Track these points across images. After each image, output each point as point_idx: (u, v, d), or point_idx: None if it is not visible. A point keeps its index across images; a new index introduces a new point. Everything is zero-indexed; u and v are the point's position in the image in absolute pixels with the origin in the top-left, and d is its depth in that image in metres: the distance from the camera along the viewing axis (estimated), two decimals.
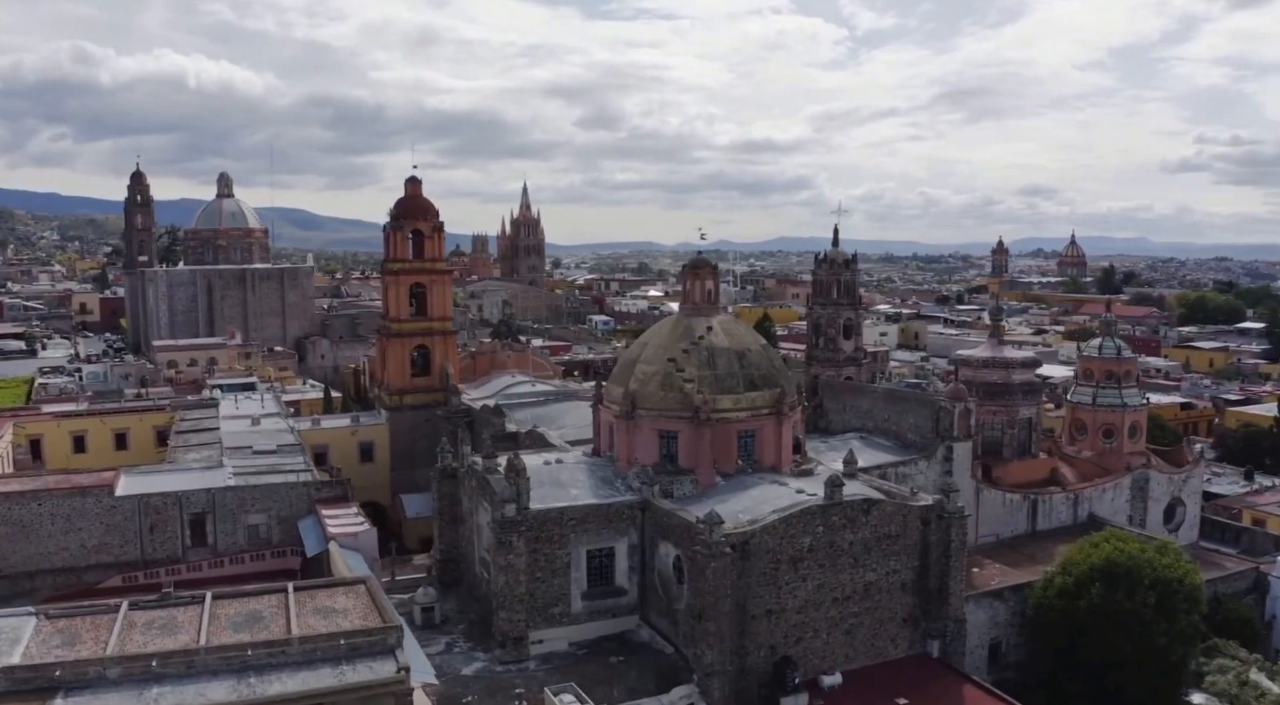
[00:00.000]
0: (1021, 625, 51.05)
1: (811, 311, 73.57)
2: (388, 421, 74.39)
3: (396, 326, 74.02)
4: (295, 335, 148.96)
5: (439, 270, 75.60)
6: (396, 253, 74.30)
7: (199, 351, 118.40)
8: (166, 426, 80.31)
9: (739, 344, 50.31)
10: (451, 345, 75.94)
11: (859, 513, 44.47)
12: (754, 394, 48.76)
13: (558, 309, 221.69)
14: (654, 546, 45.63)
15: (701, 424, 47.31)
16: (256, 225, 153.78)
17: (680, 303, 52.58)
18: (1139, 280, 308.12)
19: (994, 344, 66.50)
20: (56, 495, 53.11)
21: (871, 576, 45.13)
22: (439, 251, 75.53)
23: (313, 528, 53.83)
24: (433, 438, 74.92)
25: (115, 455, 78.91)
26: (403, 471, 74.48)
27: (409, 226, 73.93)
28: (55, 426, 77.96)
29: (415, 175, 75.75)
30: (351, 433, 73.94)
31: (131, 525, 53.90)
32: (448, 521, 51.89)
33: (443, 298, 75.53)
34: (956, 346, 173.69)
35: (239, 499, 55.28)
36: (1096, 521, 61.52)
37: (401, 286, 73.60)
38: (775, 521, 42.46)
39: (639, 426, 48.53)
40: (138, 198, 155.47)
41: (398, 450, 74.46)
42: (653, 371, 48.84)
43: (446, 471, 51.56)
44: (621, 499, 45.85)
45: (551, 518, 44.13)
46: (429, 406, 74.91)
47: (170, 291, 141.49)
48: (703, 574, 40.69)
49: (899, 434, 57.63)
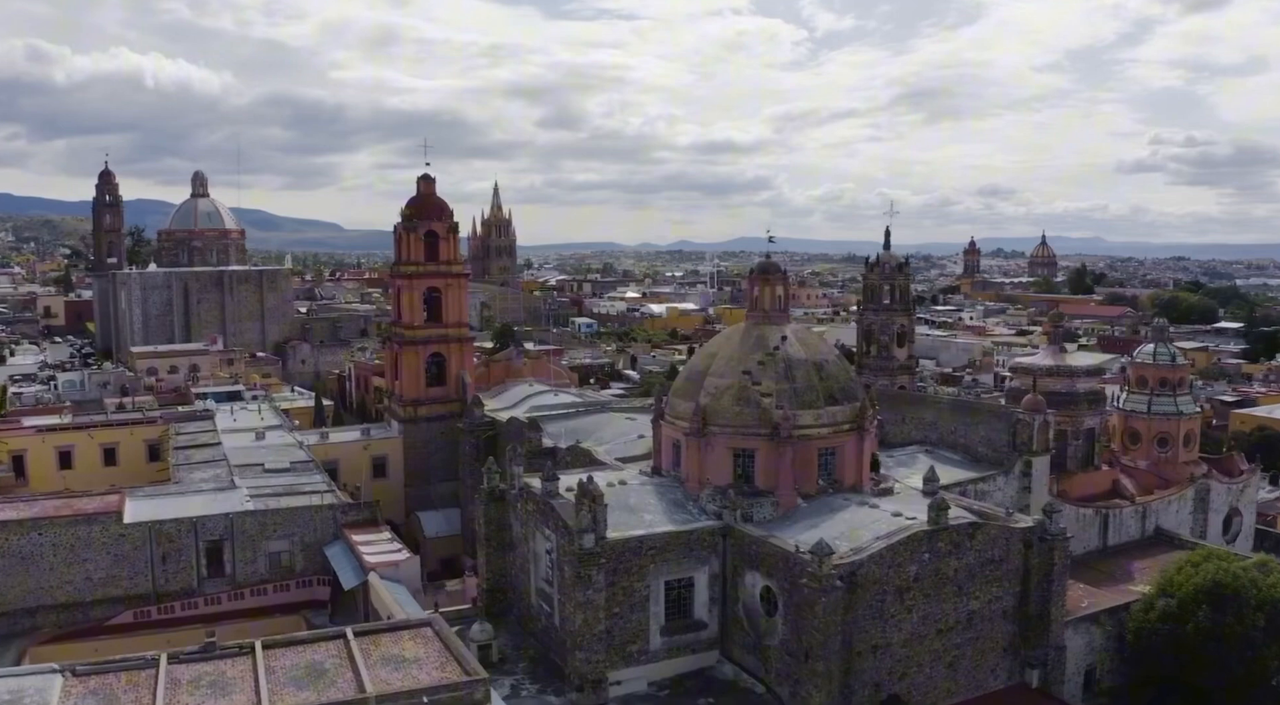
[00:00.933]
0: (1116, 650, 47.58)
1: (863, 317, 69.70)
2: (401, 434, 69.19)
3: (410, 333, 68.82)
4: (274, 340, 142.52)
5: (455, 274, 70.51)
6: (409, 255, 69.08)
7: (180, 358, 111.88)
8: (159, 441, 74.60)
9: (815, 355, 46.15)
10: (468, 353, 70.90)
11: (964, 537, 40.60)
12: (834, 408, 44.63)
13: (536, 311, 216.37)
14: (738, 576, 41.32)
15: (782, 442, 43.06)
16: (233, 226, 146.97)
17: (747, 310, 48.29)
18: (1109, 280, 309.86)
19: (1055, 351, 63.09)
20: (58, 523, 47.62)
21: (975, 604, 41.32)
22: (454, 254, 70.49)
23: (344, 556, 48.84)
24: (449, 451, 70.03)
25: (104, 472, 73.12)
26: (418, 487, 69.39)
27: (423, 227, 68.74)
28: (40, 441, 71.89)
29: (428, 173, 70.61)
30: (364, 447, 68.64)
31: (142, 555, 48.56)
32: (495, 548, 47.06)
33: (459, 303, 70.45)
34: (944, 348, 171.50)
35: (259, 524, 50.17)
36: (1164, 535, 58.43)
37: (415, 291, 68.43)
38: (882, 550, 38.37)
39: (711, 444, 44.13)
40: (106, 197, 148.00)
41: (412, 465, 69.34)
42: (725, 385, 44.47)
43: (494, 493, 46.76)
44: (702, 525, 41.45)
45: (630, 548, 39.61)
46: (445, 418, 69.84)
47: (144, 295, 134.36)
48: (811, 609, 36.50)
49: (967, 447, 53.93)
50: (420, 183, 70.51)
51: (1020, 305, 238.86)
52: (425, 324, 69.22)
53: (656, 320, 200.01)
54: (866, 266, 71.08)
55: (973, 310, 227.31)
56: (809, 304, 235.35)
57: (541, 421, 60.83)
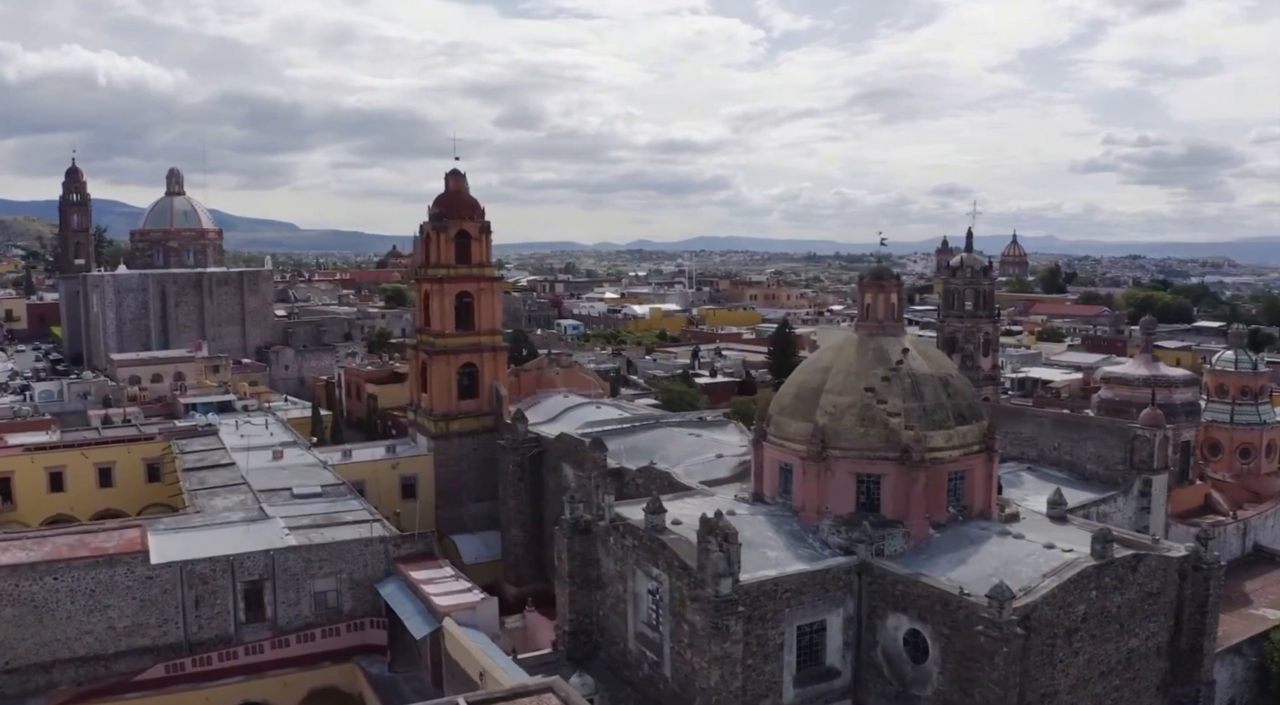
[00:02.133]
0: (1258, 681, 43.56)
1: (944, 324, 65.01)
2: (432, 452, 63.08)
3: (441, 342, 62.63)
4: (256, 344, 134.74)
5: (488, 277, 64.48)
6: (439, 257, 62.89)
7: (164, 365, 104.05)
8: (158, 459, 67.91)
9: (940, 369, 41.30)
10: (502, 363, 64.88)
11: (1127, 570, 36.05)
12: (964, 428, 39.81)
13: (515, 313, 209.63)
14: (877, 618, 36.28)
15: (914, 465, 38.11)
16: (210, 226, 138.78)
17: (858, 320, 43.22)
18: (1079, 279, 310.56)
19: (1148, 360, 58.99)
20: (76, 566, 41.09)
21: (1134, 642, 36.87)
22: (487, 256, 64.44)
23: (404, 596, 42.90)
24: (483, 469, 64.17)
25: (100, 494, 66.44)
26: (450, 509, 63.36)
27: (454, 227, 62.61)
28: (29, 462, 64.77)
29: (457, 168, 64.41)
30: (392, 466, 62.36)
31: (172, 600, 42.24)
32: (579, 586, 41.43)
33: (492, 309, 64.38)
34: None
35: (303, 561, 44.04)
36: (1264, 552, 54.65)
37: (446, 296, 62.24)
38: (1054, 589, 33.59)
39: (832, 469, 39.01)
40: (74, 196, 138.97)
41: (444, 484, 63.28)
42: (846, 403, 39.37)
43: (578, 526, 41.15)
44: (837, 562, 36.33)
45: (766, 591, 34.36)
46: (478, 433, 63.87)
47: (118, 298, 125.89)
48: (989, 660, 31.64)
49: (1074, 465, 49.51)
50: (449, 179, 64.35)
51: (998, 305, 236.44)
52: (456, 332, 63.11)
53: (640, 321, 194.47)
54: (948, 270, 66.35)
55: None
56: (790, 304, 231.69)
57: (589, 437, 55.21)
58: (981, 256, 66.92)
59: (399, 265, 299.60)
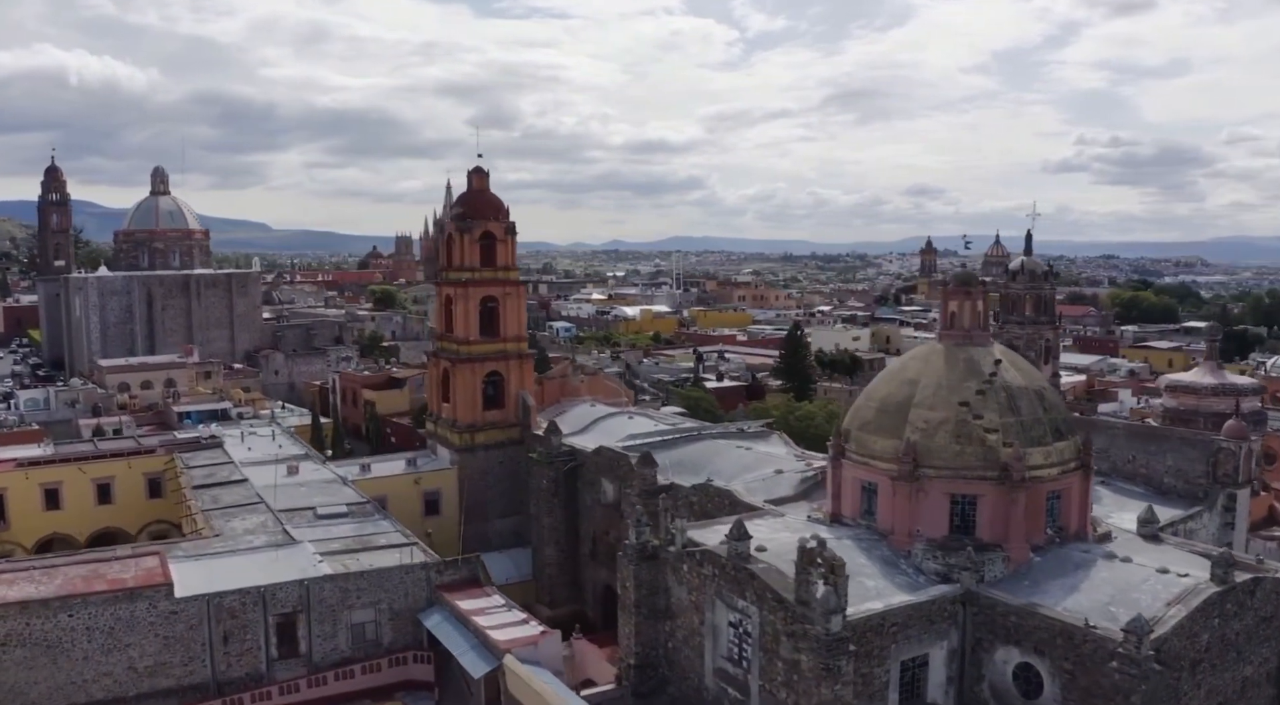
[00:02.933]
0: None
1: (1003, 330, 62.13)
2: (456, 466, 59.43)
3: (465, 349, 58.97)
4: (244, 348, 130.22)
5: (513, 281, 60.87)
6: (463, 259, 59.23)
7: (154, 372, 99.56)
8: (160, 474, 63.83)
9: (1033, 381, 38.45)
10: (528, 371, 61.28)
11: (1246, 595, 33.35)
12: (1061, 444, 36.99)
13: None
14: (984, 651, 33.32)
15: (1014, 485, 35.20)
16: (197, 226, 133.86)
17: (941, 329, 40.24)
18: (1061, 279, 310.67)
19: (1214, 368, 56.56)
20: (94, 601, 37.20)
21: (1248, 670, 34.19)
22: (512, 258, 60.88)
23: (453, 629, 39.41)
24: (510, 483, 60.70)
25: (99, 512, 62.30)
26: (475, 525, 59.68)
27: (478, 228, 58.96)
28: (23, 478, 60.51)
29: (481, 166, 60.71)
30: (414, 481, 58.62)
31: (198, 636, 38.46)
32: (646, 616, 38.15)
33: (518, 314, 60.78)
34: None
35: (340, 592, 40.39)
36: None
37: (471, 300, 58.58)
38: (1183, 620, 30.78)
39: (925, 490, 36.00)
40: (53, 195, 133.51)
41: (469, 500, 59.64)
42: (939, 418, 36.36)
43: (644, 551, 37.84)
44: (941, 592, 33.32)
45: (873, 626, 31.30)
46: (504, 445, 60.32)
47: (102, 301, 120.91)
48: (1124, 700, 28.73)
49: (1149, 478, 46.81)
50: (472, 176, 60.66)
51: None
52: (481, 338, 59.52)
53: (631, 323, 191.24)
54: (1007, 274, 63.62)
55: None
56: (778, 305, 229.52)
57: (638, 451, 51.87)
58: (1040, 260, 64.25)
59: (380, 266, 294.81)
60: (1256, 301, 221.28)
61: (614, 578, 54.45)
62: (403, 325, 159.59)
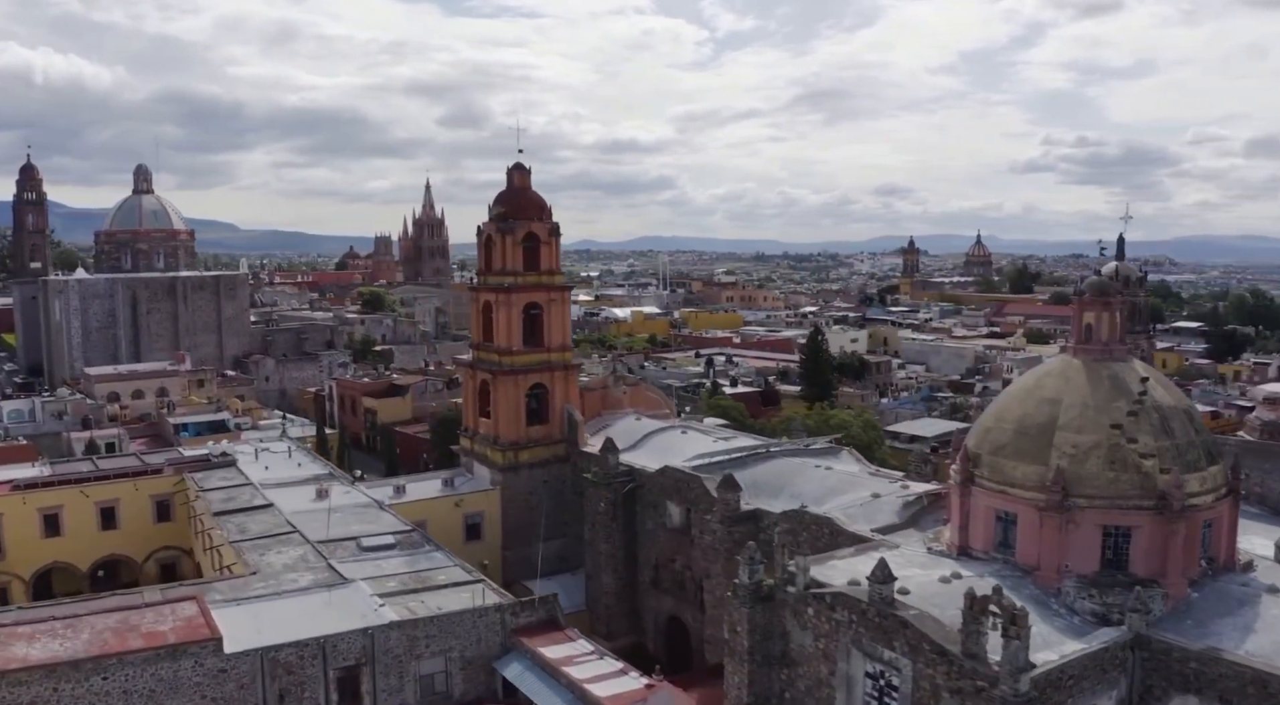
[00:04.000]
0: None
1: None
2: (498, 486, 54.73)
3: (508, 360, 54.29)
4: (233, 354, 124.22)
5: (559, 286, 56.37)
6: (504, 262, 54.53)
7: (145, 380, 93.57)
8: (168, 496, 58.64)
9: (1180, 400, 34.83)
10: (573, 383, 56.71)
11: None
12: (1214, 469, 33.36)
13: None
14: (1155, 701, 29.47)
15: (1174, 515, 31.45)
16: (181, 226, 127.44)
17: (1075, 342, 36.34)
18: (1043, 279, 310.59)
19: None
20: (131, 661, 32.21)
21: None
22: (556, 261, 56.37)
23: (535, 679, 34.87)
24: (554, 503, 56.12)
25: (103, 538, 57.09)
26: (518, 549, 55.10)
27: (521, 229, 54.32)
28: (20, 503, 55.03)
29: (521, 162, 56.11)
30: (455, 504, 53.80)
31: (251, 696, 33.63)
32: (760, 663, 33.93)
33: (563, 322, 56.23)
34: (933, 353, 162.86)
35: (407, 640, 35.70)
36: None
37: (513, 307, 53.95)
38: None
39: (1076, 521, 32.09)
40: (29, 195, 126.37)
41: (511, 522, 55.05)
42: (1089, 442, 32.46)
43: (759, 592, 33.61)
44: (1112, 637, 29.34)
45: (1052, 681, 27.27)
46: (548, 463, 55.76)
47: (83, 304, 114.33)
48: None
49: (1263, 498, 43.37)
50: (513, 174, 55.91)
51: (974, 306, 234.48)
52: (525, 348, 54.85)
53: (623, 325, 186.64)
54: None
55: (928, 312, 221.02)
56: (767, 306, 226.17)
57: (709, 472, 47.62)
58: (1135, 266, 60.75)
59: (359, 267, 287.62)
60: (1239, 301, 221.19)
61: (680, 608, 50.36)
62: (393, 328, 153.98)
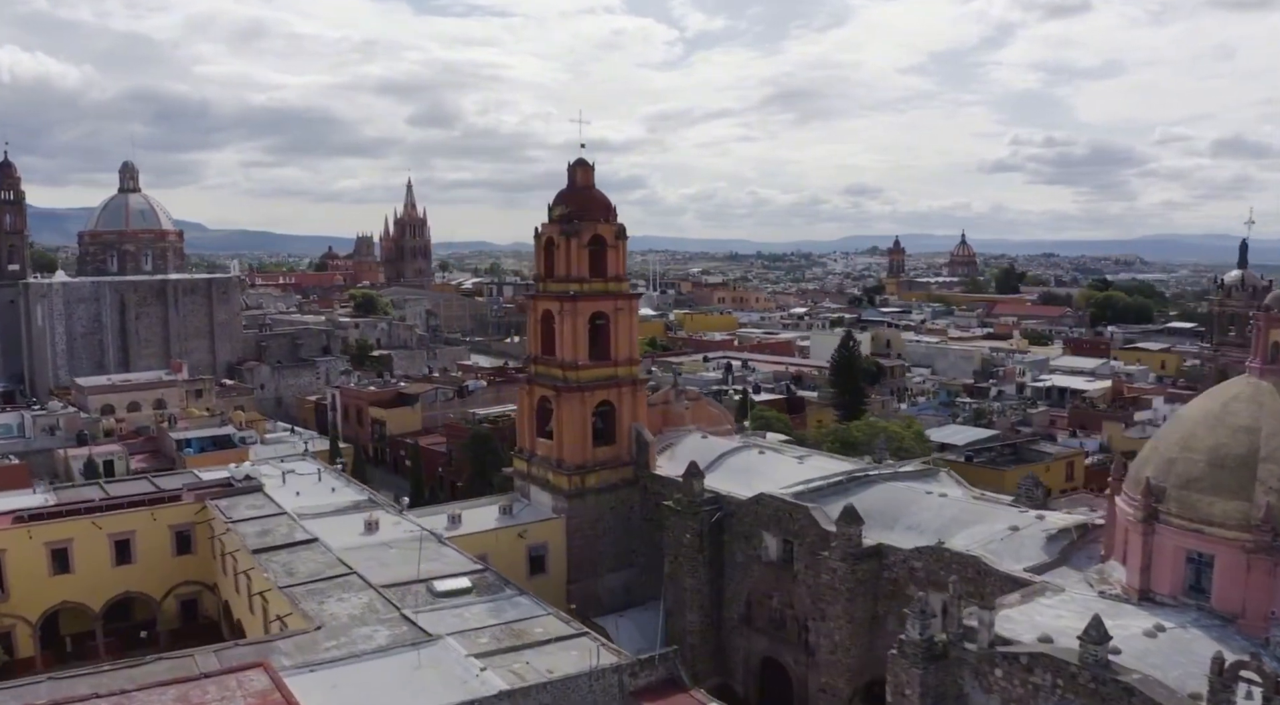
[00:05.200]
0: None
1: (1216, 354, 53.92)
2: (563, 515, 49.20)
3: (574, 376, 48.78)
4: (226, 361, 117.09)
5: (625, 293, 50.97)
6: (568, 268, 48.97)
7: (141, 392, 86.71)
8: (189, 526, 52.52)
9: None
10: (641, 399, 51.23)
11: None
12: None
13: (483, 319, 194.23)
14: None
15: None
16: (170, 226, 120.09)
17: (1260, 361, 31.67)
18: (1030, 279, 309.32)
19: None
20: None
21: None
22: (622, 266, 50.96)
23: None
24: (620, 531, 50.82)
25: (116, 574, 50.94)
26: (583, 583, 49.69)
27: (588, 231, 48.87)
28: (25, 537, 48.63)
29: (584, 157, 50.64)
30: (518, 535, 48.16)
31: None
32: None
33: (630, 332, 50.66)
34: (939, 356, 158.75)
35: None
36: None
37: (580, 317, 48.45)
38: None
39: None
40: (7, 194, 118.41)
41: (577, 553, 49.57)
42: None
43: (931, 649, 28.62)
44: None
45: None
46: (616, 488, 50.35)
47: (67, 309, 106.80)
48: None
49: None
50: (576, 170, 50.34)
51: (964, 307, 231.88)
52: (591, 362, 49.36)
53: None
54: (1220, 289, 55.48)
55: (921, 313, 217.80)
56: (759, 307, 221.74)
57: (811, 500, 42.52)
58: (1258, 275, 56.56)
59: (340, 267, 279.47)
60: None
61: (778, 650, 45.10)
62: (388, 332, 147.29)
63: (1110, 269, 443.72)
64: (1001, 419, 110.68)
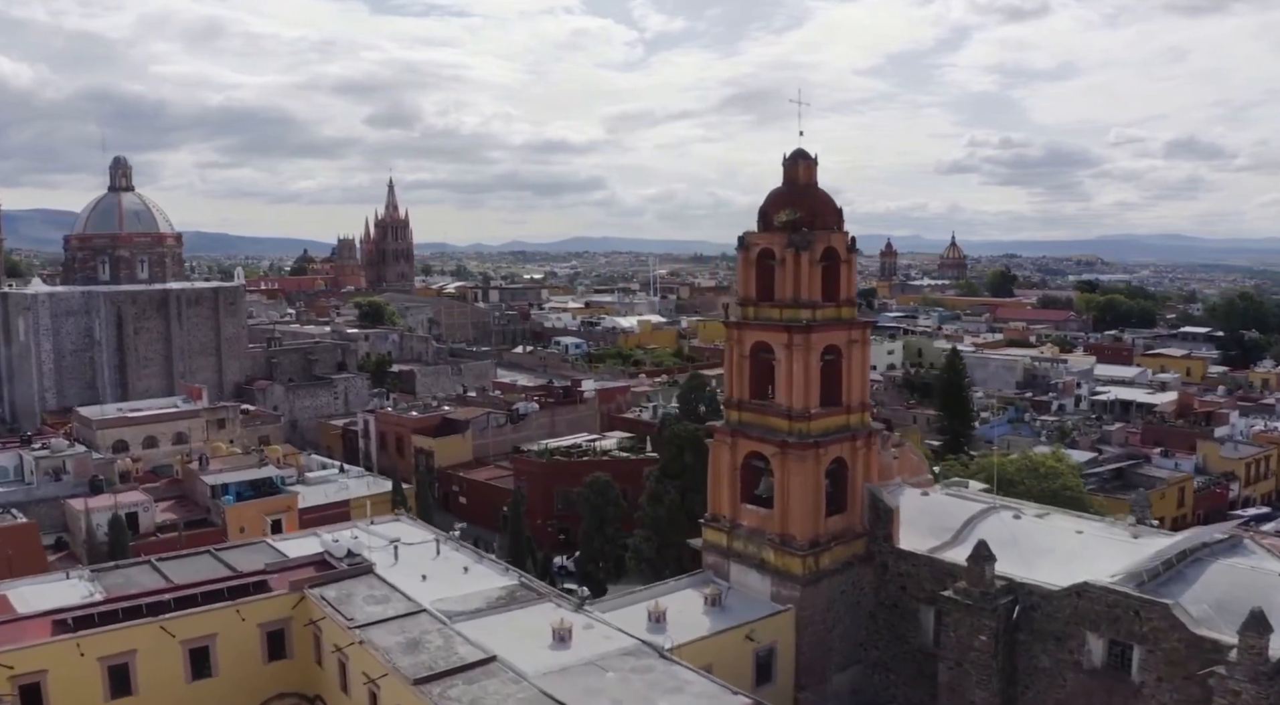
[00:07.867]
0: None
1: None
2: (795, 606, 37.09)
3: (804, 428, 36.55)
4: (234, 380, 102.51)
5: (859, 322, 39.19)
6: (795, 289, 36.52)
7: (160, 424, 72.47)
8: (283, 623, 39.55)
9: None
10: (873, 455, 39.32)
11: None
12: None
13: (485, 327, 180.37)
14: None
15: None
16: (168, 229, 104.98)
17: None
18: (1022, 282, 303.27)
19: None
20: None
21: None
22: (853, 287, 39.09)
23: None
24: (851, 620, 38.91)
25: (190, 693, 37.60)
26: (814, 689, 37.67)
27: (821, 243, 36.76)
28: (74, 652, 35.10)
29: (803, 149, 38.37)
30: (746, 637, 35.91)
31: None
32: None
33: (863, 371, 38.83)
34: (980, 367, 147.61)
35: None
36: None
37: (811, 353, 36.34)
38: None
39: None
40: None
41: (807, 652, 37.52)
42: None
43: None
44: None
45: None
46: (849, 566, 38.39)
47: (54, 323, 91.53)
48: None
49: None
50: (797, 165, 37.91)
51: (967, 310, 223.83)
52: (823, 410, 37.30)
53: (632, 336, 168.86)
54: None
55: (928, 318, 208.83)
56: None
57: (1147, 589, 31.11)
58: None
59: (320, 271, 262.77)
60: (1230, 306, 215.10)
61: None
62: (399, 344, 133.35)
63: (1073, 269, 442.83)
64: (1083, 438, 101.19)
